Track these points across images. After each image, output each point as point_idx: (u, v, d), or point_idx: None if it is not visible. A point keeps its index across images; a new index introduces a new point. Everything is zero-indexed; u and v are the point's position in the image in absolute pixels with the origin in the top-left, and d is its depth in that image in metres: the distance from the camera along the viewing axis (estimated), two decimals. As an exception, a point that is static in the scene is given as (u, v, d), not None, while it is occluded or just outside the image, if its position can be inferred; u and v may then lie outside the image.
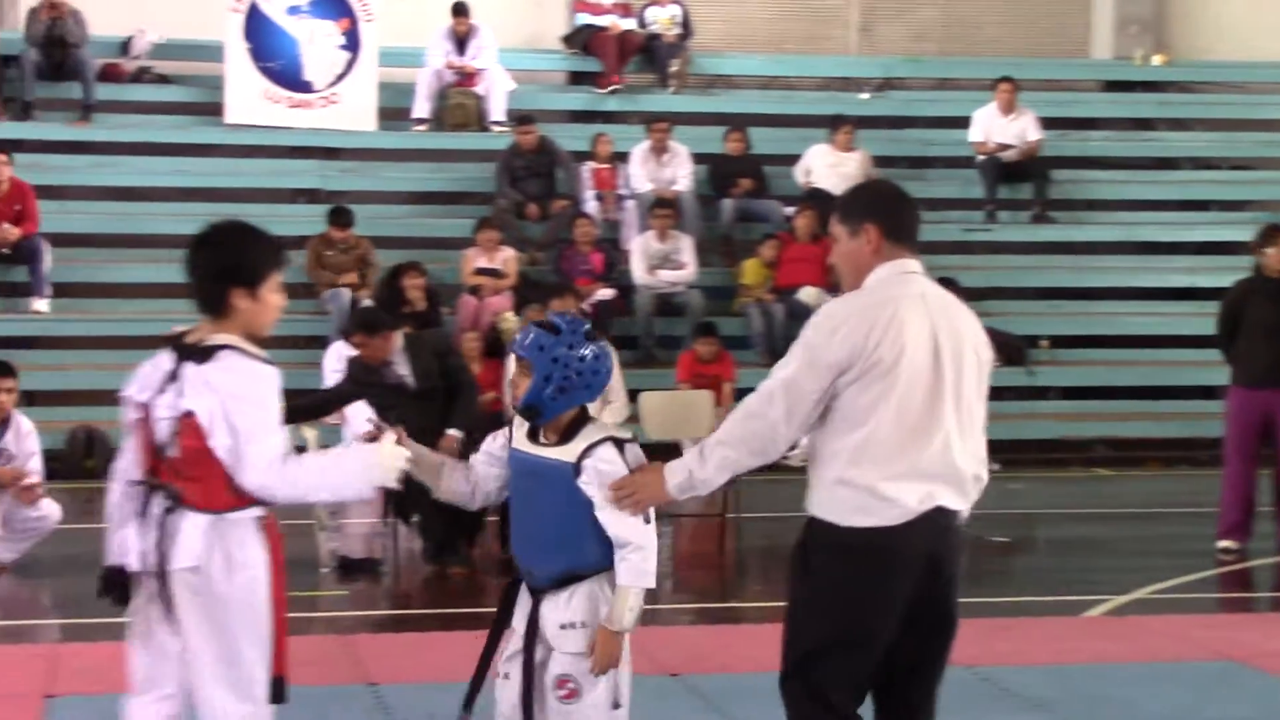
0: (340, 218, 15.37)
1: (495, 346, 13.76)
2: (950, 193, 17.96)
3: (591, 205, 16.55)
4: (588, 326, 5.00)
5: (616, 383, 10.70)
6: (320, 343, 14.48)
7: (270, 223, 16.59)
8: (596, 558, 4.83)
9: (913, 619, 4.75)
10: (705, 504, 12.26)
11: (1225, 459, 11.28)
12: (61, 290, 15.54)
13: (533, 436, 4.92)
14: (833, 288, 15.49)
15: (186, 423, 4.61)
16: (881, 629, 4.73)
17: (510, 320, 14.25)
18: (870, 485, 4.66)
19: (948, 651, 4.90)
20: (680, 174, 16.71)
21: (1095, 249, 17.95)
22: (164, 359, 4.72)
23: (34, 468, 10.03)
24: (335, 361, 11.44)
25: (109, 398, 15.31)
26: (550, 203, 16.57)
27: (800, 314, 15.42)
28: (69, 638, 8.45)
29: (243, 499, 4.66)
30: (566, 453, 4.82)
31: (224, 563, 4.65)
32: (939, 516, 4.72)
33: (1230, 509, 11.13)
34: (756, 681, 7.49)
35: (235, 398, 4.61)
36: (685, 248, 15.85)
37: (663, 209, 15.90)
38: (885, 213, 4.88)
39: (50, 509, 10.02)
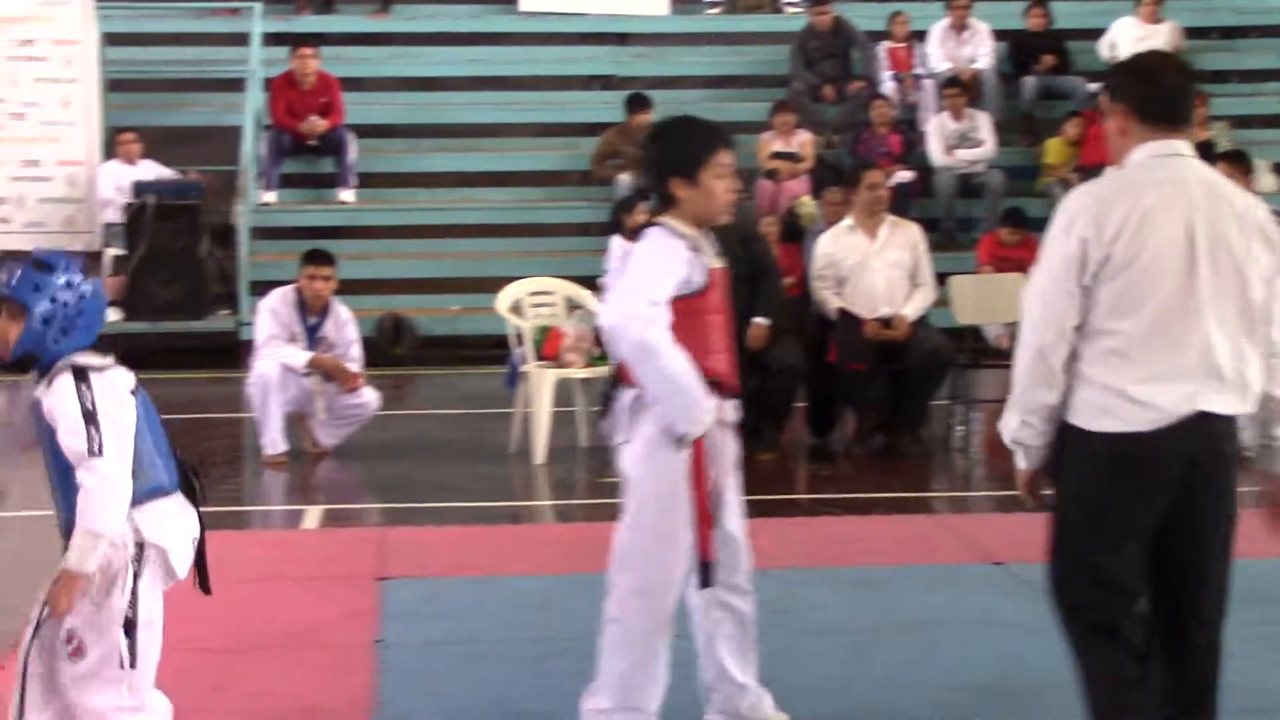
0: (639, 105, 15.34)
1: (792, 230, 13.64)
2: (1266, 63, 17.21)
3: (888, 86, 16.26)
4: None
5: (925, 265, 10.52)
6: (590, 230, 14.60)
7: (564, 110, 17.03)
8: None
9: (1173, 529, 4.45)
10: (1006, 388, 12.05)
11: None
12: (365, 180, 15.85)
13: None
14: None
15: None
16: (1132, 539, 4.45)
17: (807, 204, 14.10)
18: (1120, 387, 4.36)
19: (1214, 565, 4.55)
20: (980, 52, 16.31)
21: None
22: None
23: (354, 355, 10.26)
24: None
25: (414, 286, 15.84)
26: (846, 84, 16.32)
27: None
28: (392, 521, 8.63)
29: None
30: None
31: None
32: (1201, 422, 4.37)
33: None
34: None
35: (634, 256, 4.93)
36: (983, 125, 15.49)
37: (955, 88, 15.54)
38: (1135, 90, 4.50)
39: (369, 395, 10.25)
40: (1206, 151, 12.83)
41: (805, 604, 6.84)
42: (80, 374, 4.37)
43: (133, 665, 4.40)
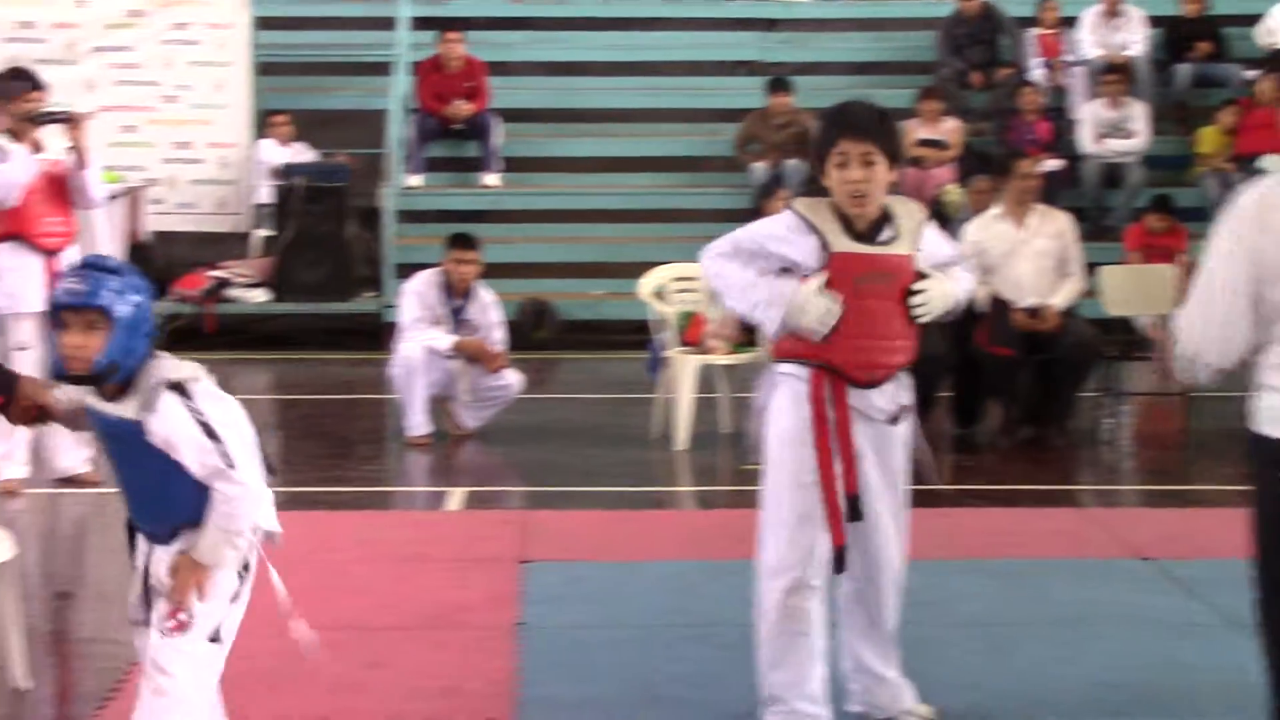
0: (778, 88, 15.26)
1: (937, 219, 13.47)
2: None
3: (1037, 73, 16.04)
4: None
5: (1075, 254, 10.36)
6: (732, 215, 14.54)
7: (707, 96, 16.98)
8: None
9: None
10: (1161, 382, 11.86)
11: None
12: (509, 164, 15.92)
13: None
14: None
15: None
16: None
17: (953, 192, 13.96)
18: None
19: None
20: (1133, 38, 16.04)
21: None
22: None
23: (496, 338, 10.31)
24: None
25: (557, 270, 15.89)
26: (994, 71, 16.13)
27: (1261, 183, 14.69)
28: (534, 505, 8.65)
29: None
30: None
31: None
32: None
33: None
34: (1235, 570, 7.26)
35: None
36: (1137, 115, 15.23)
37: (1113, 75, 15.30)
38: None
39: (512, 378, 10.29)
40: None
41: (949, 596, 6.76)
42: (181, 390, 4.23)
43: (221, 641, 4.39)
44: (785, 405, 4.99)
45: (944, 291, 5.01)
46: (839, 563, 4.98)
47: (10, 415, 4.49)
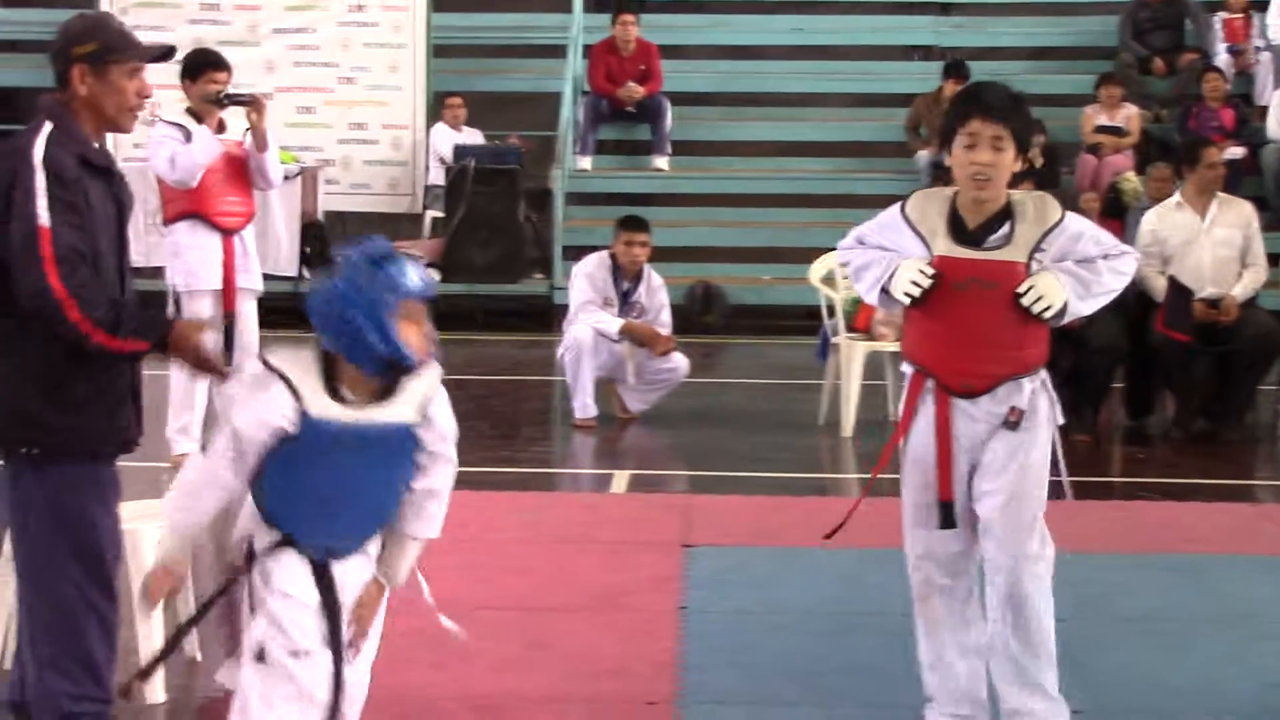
0: (954, 72, 15.08)
1: (1115, 207, 13.28)
2: None
3: (1223, 58, 15.69)
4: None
5: (1257, 244, 10.12)
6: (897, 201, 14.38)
7: (882, 81, 16.88)
8: None
9: None
10: None
11: None
12: (681, 148, 15.92)
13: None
14: None
15: None
16: None
17: (1131, 180, 13.70)
18: None
19: None
20: (1324, 22, 15.65)
21: None
22: None
23: (664, 320, 10.31)
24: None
25: (726, 254, 15.88)
26: (1178, 56, 15.81)
27: None
28: (698, 489, 8.64)
29: None
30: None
31: None
32: None
33: None
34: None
35: None
36: (1325, 102, 14.85)
37: (1301, 61, 14.94)
38: None
39: (679, 361, 10.29)
40: None
41: (1119, 590, 6.64)
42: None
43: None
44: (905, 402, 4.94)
45: (1050, 285, 4.69)
46: (944, 517, 4.82)
47: (171, 354, 4.45)
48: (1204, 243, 10.07)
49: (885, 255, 4.82)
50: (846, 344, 10.01)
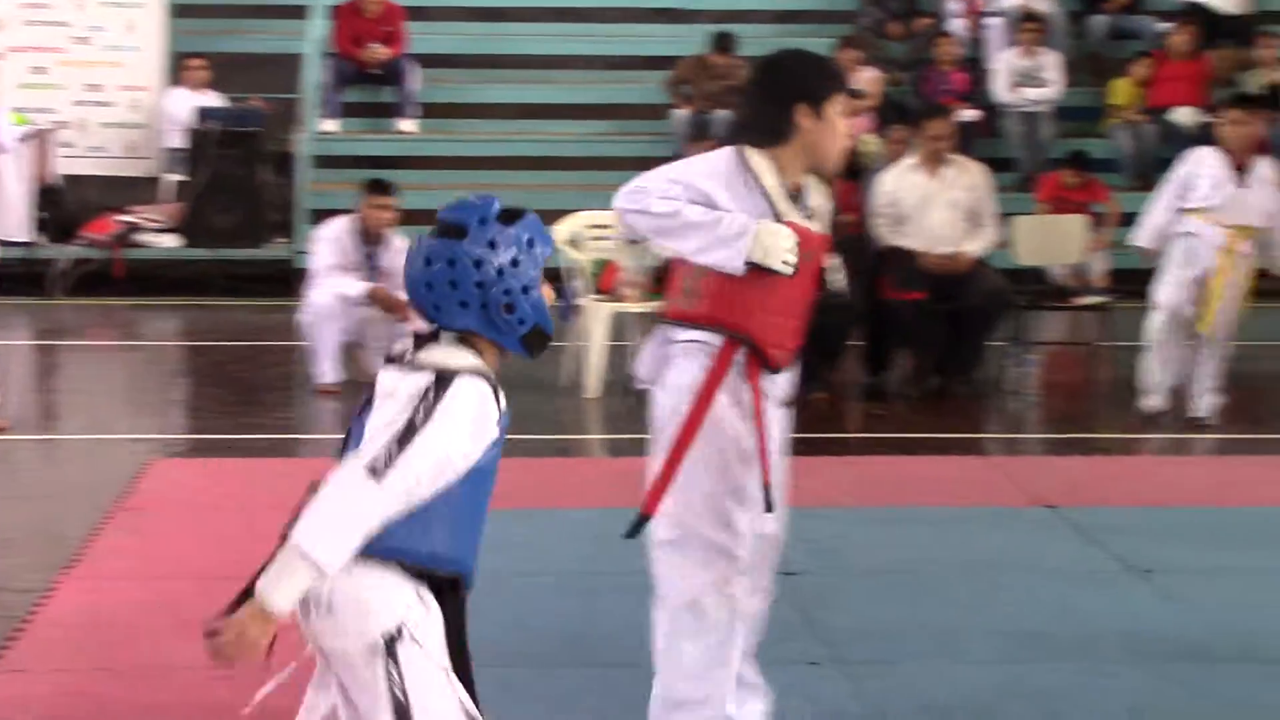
0: (723, 42, 15.23)
1: (854, 168, 13.53)
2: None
3: (955, 23, 16.09)
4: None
5: (988, 205, 10.44)
6: (653, 164, 14.50)
7: (629, 43, 16.72)
8: None
9: None
10: (1071, 332, 11.99)
11: None
12: (429, 110, 15.82)
13: None
14: (1210, 107, 14.83)
15: None
16: None
17: (870, 142, 13.99)
18: None
19: None
20: (1049, -11, 16.13)
21: None
22: None
23: (409, 285, 10.27)
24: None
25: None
26: (912, 20, 16.16)
27: (1174, 136, 14.82)
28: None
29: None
30: None
31: None
32: None
33: None
34: (1134, 517, 7.39)
35: None
36: (1051, 65, 15.30)
37: (1030, 24, 15.36)
38: None
39: (423, 326, 10.24)
40: (1275, 95, 12.65)
41: (854, 544, 6.83)
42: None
43: None
44: (698, 377, 4.54)
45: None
46: (634, 526, 4.59)
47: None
48: (937, 203, 10.36)
49: (720, 213, 4.45)
50: (590, 305, 10.09)
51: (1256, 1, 16.28)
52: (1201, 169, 9.37)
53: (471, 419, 3.33)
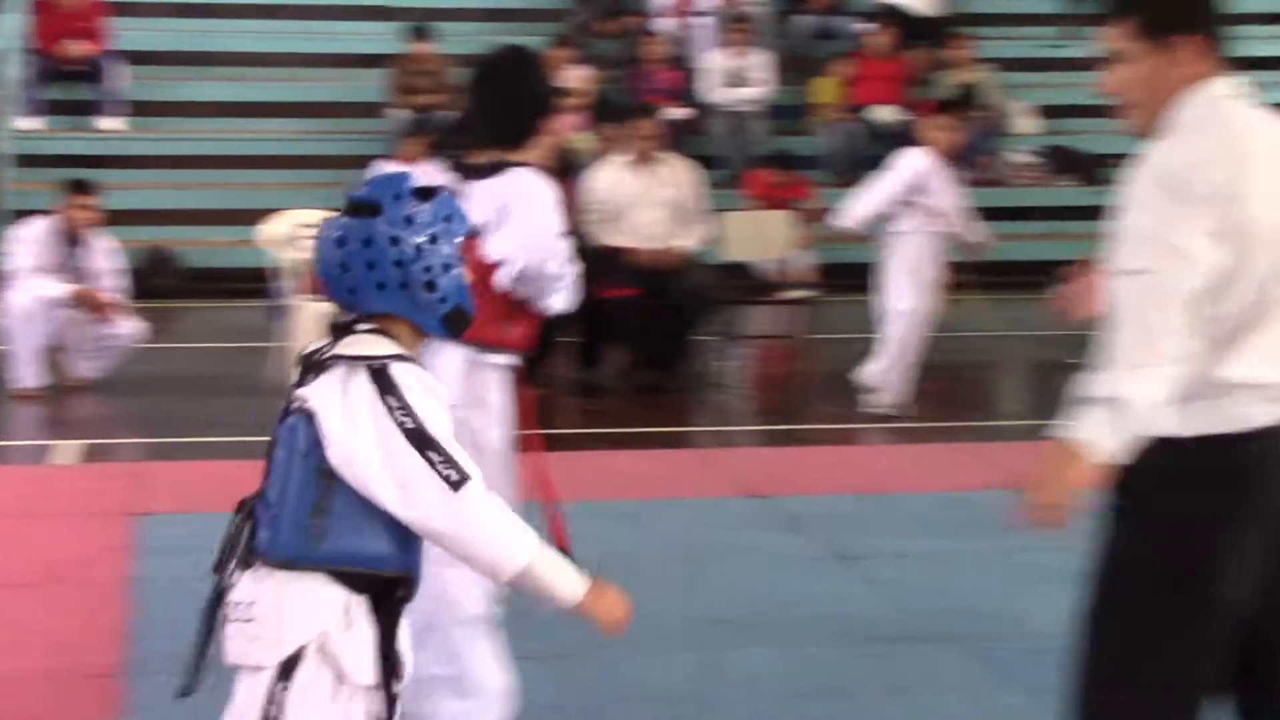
0: (422, 35, 15.20)
1: (566, 166, 13.63)
2: (1029, 7, 17.61)
3: (664, 22, 16.31)
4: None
5: (698, 202, 10.62)
6: (365, 162, 14.47)
7: (339, 40, 16.50)
8: None
9: None
10: (778, 326, 12.26)
11: None
12: (136, 108, 15.48)
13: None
14: (910, 106, 15.29)
15: None
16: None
17: (582, 140, 14.10)
18: None
19: None
20: (754, -11, 16.45)
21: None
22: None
23: (113, 286, 10.07)
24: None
25: (184, 217, 15.43)
26: (621, 19, 16.34)
27: (876, 134, 15.25)
28: (152, 456, 8.50)
29: None
30: None
31: None
32: None
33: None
34: (839, 505, 7.60)
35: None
36: (759, 64, 15.61)
37: (737, 24, 15.66)
38: (1208, 12, 3.45)
39: (128, 327, 10.07)
40: (967, 95, 13.07)
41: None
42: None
43: None
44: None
45: None
46: None
47: None
48: (647, 201, 10.50)
49: None
50: (299, 305, 10.00)
51: (950, 4, 16.82)
52: (930, 171, 9.66)
53: (431, 395, 3.17)
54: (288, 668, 3.10)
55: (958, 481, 8.07)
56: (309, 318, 9.86)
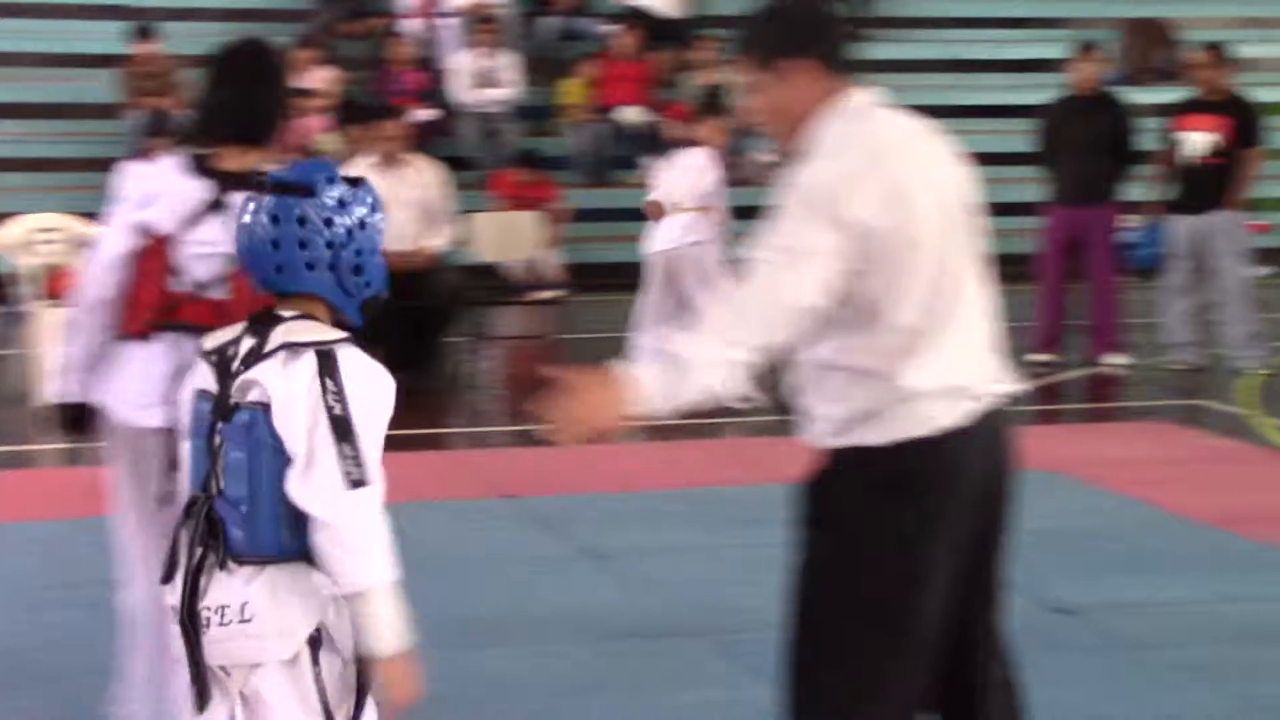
0: (144, 35, 14.93)
1: (314, 168, 13.53)
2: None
3: (410, 22, 16.26)
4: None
5: (446, 204, 10.63)
6: (102, 165, 14.20)
7: (73, 40, 16.18)
8: None
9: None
10: (527, 324, 12.32)
11: (1040, 274, 11.56)
12: None
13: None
14: (657, 107, 15.48)
15: None
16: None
17: (328, 142, 14.01)
18: None
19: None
20: (499, -11, 16.49)
21: (915, 67, 18.06)
22: None
23: None
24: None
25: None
26: (366, 20, 16.25)
27: (623, 135, 15.41)
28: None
29: None
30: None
31: None
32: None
33: (1043, 323, 11.43)
34: (592, 504, 7.68)
35: None
36: (506, 65, 15.65)
37: (484, 25, 15.67)
38: (823, 36, 3.52)
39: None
40: (713, 96, 13.23)
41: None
42: None
43: None
44: None
45: None
46: None
47: None
48: (395, 203, 10.46)
49: None
50: (38, 311, 9.78)
51: (694, 5, 17.06)
52: (707, 169, 9.96)
53: (375, 384, 3.27)
54: (314, 650, 3.15)
55: (699, 477, 8.20)
56: (51, 324, 9.63)
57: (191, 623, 3.14)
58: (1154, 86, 16.45)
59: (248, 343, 3.21)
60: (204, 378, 3.25)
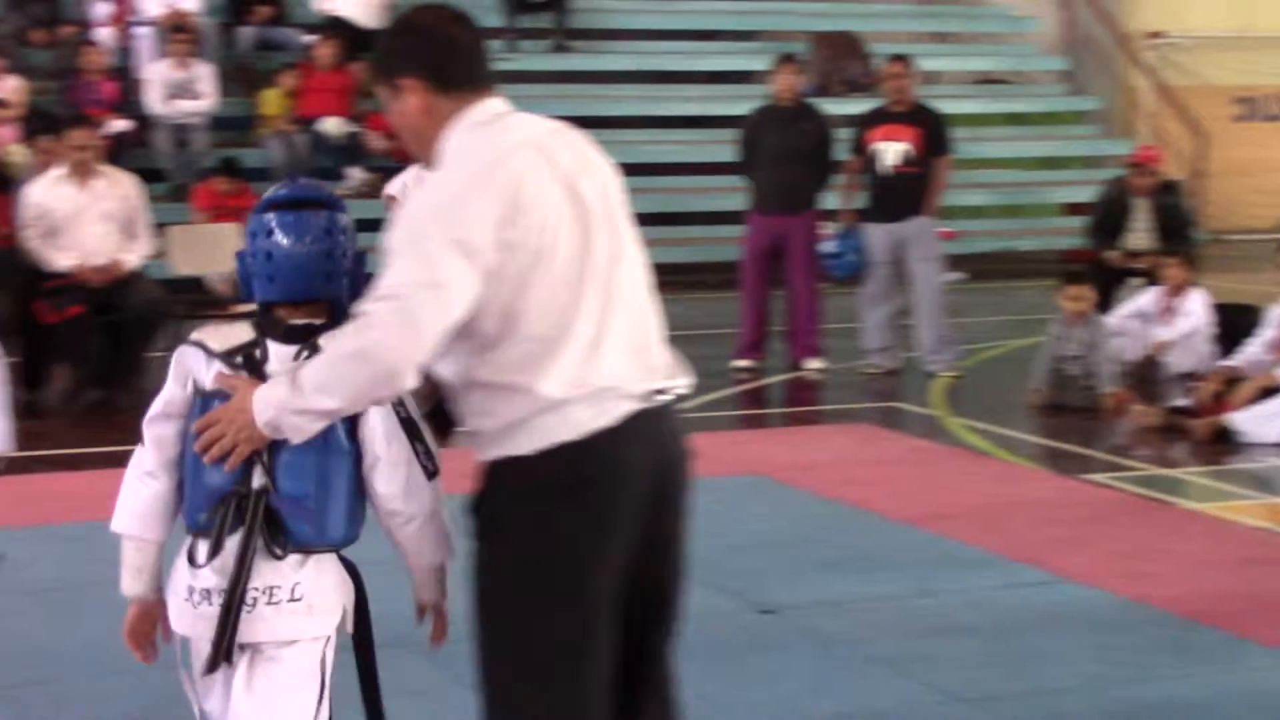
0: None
1: (2, 180, 13.13)
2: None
3: (103, 31, 15.87)
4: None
5: (142, 216, 10.43)
6: None
7: None
8: None
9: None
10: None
11: (741, 282, 11.81)
12: None
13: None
14: (357, 117, 15.39)
15: None
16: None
17: (17, 153, 13.60)
18: None
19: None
20: (193, -2, 16.19)
21: (612, 78, 18.27)
22: None
23: None
24: None
25: None
26: (57, 28, 15.82)
27: (323, 145, 15.29)
28: None
29: None
30: None
31: None
32: None
33: (746, 330, 11.68)
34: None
35: None
36: (204, 76, 15.38)
37: (179, 35, 15.38)
38: (428, 55, 3.48)
39: None
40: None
41: (18, 563, 6.66)
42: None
43: None
44: None
45: None
46: None
47: None
48: (89, 215, 10.25)
49: None
50: None
51: (393, 16, 16.98)
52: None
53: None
54: (339, 629, 3.57)
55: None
56: None
57: (232, 601, 3.41)
58: (845, 98, 16.93)
59: (290, 349, 3.44)
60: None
